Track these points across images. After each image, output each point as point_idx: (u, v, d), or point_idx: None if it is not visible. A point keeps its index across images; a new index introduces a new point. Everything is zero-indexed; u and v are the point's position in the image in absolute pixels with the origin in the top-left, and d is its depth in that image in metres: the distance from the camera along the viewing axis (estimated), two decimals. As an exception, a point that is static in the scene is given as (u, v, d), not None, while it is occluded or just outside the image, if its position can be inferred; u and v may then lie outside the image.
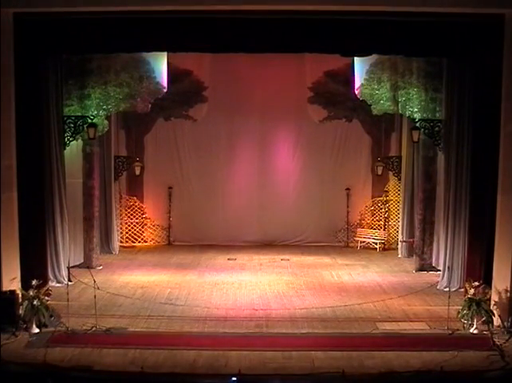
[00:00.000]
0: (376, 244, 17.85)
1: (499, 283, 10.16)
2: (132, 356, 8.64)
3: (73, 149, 14.33)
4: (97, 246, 15.38)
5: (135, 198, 18.42)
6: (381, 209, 18.44)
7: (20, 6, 10.12)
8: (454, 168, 12.54)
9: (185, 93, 17.71)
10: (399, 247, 17.11)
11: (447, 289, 11.15)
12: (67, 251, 13.11)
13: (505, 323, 9.90)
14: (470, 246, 11.64)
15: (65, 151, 13.05)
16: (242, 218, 18.39)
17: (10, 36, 10.18)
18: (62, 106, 12.82)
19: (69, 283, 11.48)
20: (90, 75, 13.55)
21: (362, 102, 15.64)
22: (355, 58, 15.04)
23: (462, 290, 11.33)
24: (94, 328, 9.72)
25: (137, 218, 18.41)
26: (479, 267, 11.11)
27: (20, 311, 9.83)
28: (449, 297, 10.19)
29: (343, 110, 18.06)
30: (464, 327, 9.87)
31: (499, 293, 10.11)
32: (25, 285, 10.13)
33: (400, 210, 17.34)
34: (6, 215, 10.16)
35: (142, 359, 8.49)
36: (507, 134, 10.25)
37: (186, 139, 18.48)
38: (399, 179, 17.47)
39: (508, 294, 10.02)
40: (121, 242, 18.00)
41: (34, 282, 9.84)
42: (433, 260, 14.79)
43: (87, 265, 13.72)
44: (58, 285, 12.35)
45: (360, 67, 14.97)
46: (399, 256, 16.79)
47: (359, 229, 18.55)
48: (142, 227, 18.52)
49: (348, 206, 18.57)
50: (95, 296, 10.07)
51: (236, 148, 18.49)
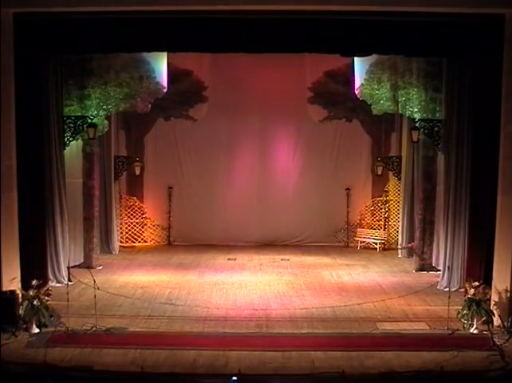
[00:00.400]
0: (376, 244, 17.85)
1: (499, 283, 10.16)
2: (132, 356, 8.64)
3: (73, 149, 14.33)
4: (97, 246, 15.39)
5: (135, 198, 18.41)
6: (381, 209, 18.44)
7: (20, 6, 10.11)
8: (454, 168, 12.53)
9: (185, 93, 17.71)
10: (399, 247, 17.10)
11: (447, 289, 11.14)
12: (67, 251, 13.11)
13: (505, 323, 9.89)
14: (470, 246, 11.63)
15: (65, 151, 13.05)
16: (242, 218, 18.39)
17: (10, 36, 10.17)
18: (62, 106, 12.82)
19: (69, 283, 11.48)
20: (90, 75, 13.56)
21: (362, 102, 15.66)
22: (355, 58, 15.06)
23: (462, 290, 11.33)
24: (94, 328, 9.71)
25: (137, 218, 18.41)
26: (479, 267, 11.09)
27: (20, 311, 9.83)
28: (449, 297, 10.19)
29: (343, 110, 18.05)
30: (464, 327, 9.87)
31: (499, 293, 10.10)
32: (25, 285, 10.12)
33: (400, 210, 17.33)
34: (6, 215, 10.16)
35: (142, 359, 8.48)
36: (507, 134, 10.24)
37: (186, 139, 18.48)
38: (399, 179, 17.46)
39: (508, 294, 10.02)
40: (121, 242, 17.99)
41: (34, 282, 9.83)
42: (433, 260, 14.79)
43: (87, 265, 13.70)
44: (58, 285, 12.35)
45: (360, 67, 14.99)
46: (399, 256, 16.79)
47: (359, 229, 18.55)
48: (142, 227, 18.52)
49: (348, 206, 18.57)
50: (95, 296, 10.06)
51: (236, 148, 18.48)
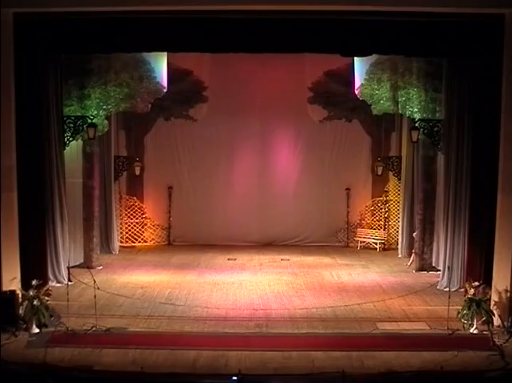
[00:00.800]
0: (376, 244, 17.85)
1: (499, 283, 10.16)
2: (132, 356, 8.64)
3: (73, 149, 14.32)
4: (97, 246, 15.40)
5: (135, 198, 18.40)
6: (381, 209, 18.44)
7: (20, 6, 10.11)
8: (454, 168, 12.53)
9: (185, 93, 17.70)
10: (399, 247, 17.11)
11: (447, 289, 11.16)
12: (67, 251, 13.12)
13: (505, 323, 9.89)
14: (470, 246, 11.63)
15: (65, 151, 13.06)
16: (242, 218, 18.38)
17: (10, 36, 10.17)
18: (62, 106, 12.82)
19: (69, 283, 11.48)
20: (90, 75, 13.58)
21: (362, 102, 15.69)
22: (355, 58, 15.07)
23: (462, 290, 11.33)
24: (94, 328, 9.71)
25: (137, 218, 18.40)
26: (479, 267, 11.08)
27: (20, 311, 9.83)
28: (449, 297, 10.19)
29: (343, 110, 18.05)
30: (464, 327, 9.87)
31: (499, 293, 10.10)
32: (25, 285, 10.12)
33: (400, 210, 17.34)
34: (6, 215, 10.16)
35: (142, 359, 8.49)
36: (507, 134, 10.24)
37: (186, 139, 18.47)
38: (399, 179, 17.47)
39: (508, 294, 10.02)
40: (121, 242, 17.99)
41: (34, 282, 9.84)
42: (433, 260, 14.80)
43: (87, 265, 13.69)
44: (58, 285, 12.35)
45: (360, 67, 15.00)
46: (399, 256, 16.78)
47: (359, 229, 18.54)
48: (142, 227, 18.51)
49: (348, 206, 18.57)
50: (95, 296, 10.07)
51: (236, 148, 18.48)
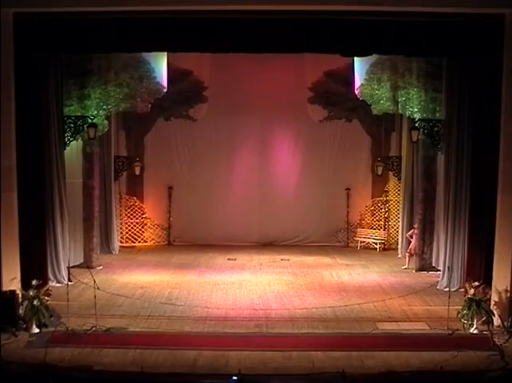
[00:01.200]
0: (376, 244, 17.85)
1: (499, 283, 10.16)
2: (132, 356, 8.64)
3: (73, 149, 14.33)
4: (97, 246, 15.40)
5: (135, 198, 18.41)
6: (381, 209, 18.44)
7: (20, 6, 10.12)
8: (454, 168, 12.54)
9: (185, 93, 17.72)
10: (399, 247, 17.11)
11: (447, 289, 11.16)
12: (67, 251, 13.12)
13: (505, 323, 9.90)
14: (470, 246, 11.63)
15: (65, 151, 13.07)
16: (242, 218, 18.38)
17: (10, 36, 10.18)
18: (62, 106, 12.83)
19: (69, 283, 11.48)
20: (90, 75, 13.59)
21: (362, 102, 15.70)
22: (355, 58, 15.08)
23: (462, 290, 11.33)
24: (94, 328, 9.71)
25: (137, 218, 18.40)
26: (479, 267, 11.09)
27: (20, 311, 9.83)
28: (449, 297, 10.19)
29: (343, 110, 18.07)
30: (464, 327, 9.87)
31: (499, 293, 10.11)
32: (25, 285, 10.13)
33: (400, 210, 17.35)
34: (6, 215, 10.17)
35: (142, 359, 8.49)
36: (507, 134, 10.24)
37: (186, 139, 18.49)
38: (399, 179, 17.48)
39: (508, 294, 10.02)
40: (121, 242, 17.99)
41: (34, 282, 9.84)
42: (433, 260, 14.80)
43: (87, 265, 13.69)
44: (58, 285, 12.36)
45: (360, 67, 15.01)
46: (399, 256, 16.77)
47: (359, 229, 18.55)
48: (142, 227, 18.51)
49: (348, 206, 18.57)
50: (95, 296, 10.07)
51: (236, 148, 18.48)
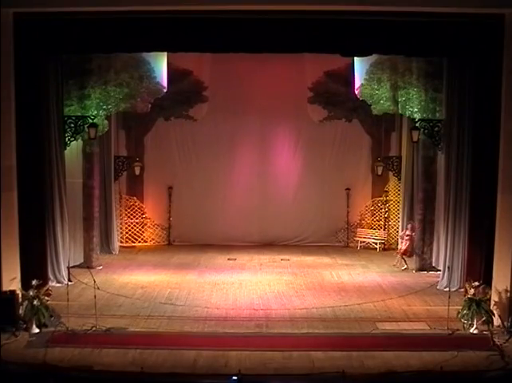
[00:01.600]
0: (376, 244, 17.85)
1: (499, 283, 10.16)
2: (132, 356, 8.64)
3: (73, 149, 14.32)
4: (97, 246, 15.40)
5: (135, 198, 18.41)
6: (381, 209, 18.44)
7: (20, 6, 10.12)
8: (454, 168, 12.54)
9: (185, 93, 17.73)
10: (398, 247, 17.05)
11: (447, 289, 11.14)
12: (67, 251, 13.12)
13: (505, 323, 9.90)
14: (470, 246, 11.64)
15: (65, 151, 13.06)
16: (242, 218, 18.39)
17: (10, 36, 10.18)
18: (62, 106, 12.83)
19: (69, 283, 11.48)
20: (90, 75, 13.59)
21: (362, 102, 15.69)
22: (355, 58, 15.08)
23: (462, 290, 11.32)
24: (94, 328, 9.71)
25: (137, 218, 18.40)
26: (479, 267, 11.10)
27: (20, 311, 9.83)
28: (449, 297, 10.19)
29: (343, 110, 18.07)
30: (464, 327, 9.87)
31: (499, 293, 10.10)
32: (25, 285, 10.12)
33: (400, 210, 17.34)
34: (6, 215, 10.16)
35: (142, 359, 8.49)
36: (507, 134, 10.24)
37: (186, 139, 18.50)
38: (399, 179, 17.48)
39: (508, 294, 10.02)
40: (121, 242, 17.99)
41: (34, 282, 9.84)
42: (433, 260, 14.80)
43: (87, 265, 13.69)
44: (58, 285, 12.35)
45: (360, 67, 15.00)
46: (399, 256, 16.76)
47: (359, 229, 18.55)
48: (142, 227, 18.51)
49: (348, 206, 18.57)
50: (95, 296, 10.07)
51: (236, 148, 18.48)
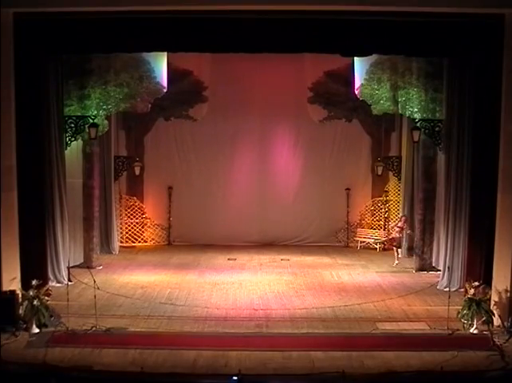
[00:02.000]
0: (376, 244, 17.85)
1: (499, 283, 10.16)
2: (132, 356, 8.63)
3: (73, 149, 14.30)
4: (97, 246, 15.41)
5: (135, 198, 18.40)
6: (381, 209, 18.44)
7: (20, 6, 10.12)
8: (454, 168, 12.53)
9: (185, 93, 17.71)
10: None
11: (447, 289, 11.12)
12: (67, 251, 13.11)
13: (505, 323, 9.89)
14: (470, 246, 11.64)
15: (65, 151, 13.05)
16: (242, 218, 18.38)
17: (10, 36, 10.17)
18: (62, 106, 12.81)
19: (69, 283, 11.47)
20: (90, 75, 13.57)
21: (362, 102, 15.68)
22: (355, 58, 15.05)
23: (462, 290, 11.30)
24: (94, 328, 9.70)
25: (137, 218, 18.40)
26: (479, 267, 11.10)
27: (20, 311, 9.83)
28: (449, 297, 10.18)
29: (343, 110, 18.06)
30: (464, 327, 9.86)
31: (499, 293, 10.10)
32: (25, 285, 10.12)
33: (400, 210, 17.34)
34: (6, 215, 10.16)
35: (142, 359, 8.48)
36: (507, 134, 10.25)
37: (186, 139, 18.50)
38: (399, 179, 17.47)
39: (508, 294, 10.01)
40: (121, 242, 17.98)
41: (34, 282, 9.83)
42: (433, 260, 14.79)
43: (87, 265, 13.67)
44: (58, 285, 12.34)
45: (360, 67, 14.98)
46: (399, 256, 16.76)
47: (359, 229, 18.54)
48: (142, 227, 18.50)
49: (348, 206, 18.56)
50: (95, 296, 10.06)
51: (236, 148, 18.48)
